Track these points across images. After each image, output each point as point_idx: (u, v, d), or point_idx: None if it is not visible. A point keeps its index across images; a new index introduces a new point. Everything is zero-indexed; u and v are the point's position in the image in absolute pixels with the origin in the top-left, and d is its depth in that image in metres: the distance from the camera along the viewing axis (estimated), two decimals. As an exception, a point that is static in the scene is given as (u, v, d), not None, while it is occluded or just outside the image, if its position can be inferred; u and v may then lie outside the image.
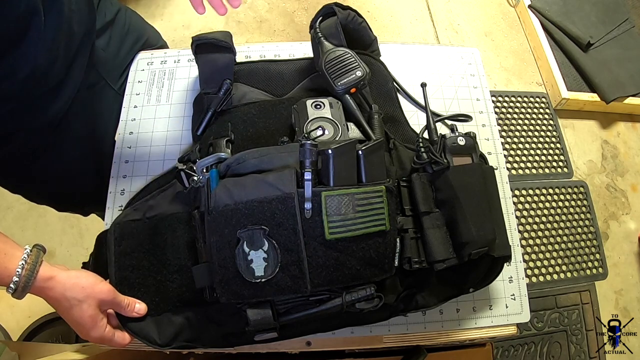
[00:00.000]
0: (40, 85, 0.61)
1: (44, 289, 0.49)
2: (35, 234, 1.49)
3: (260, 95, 0.70)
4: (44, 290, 0.49)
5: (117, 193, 0.67)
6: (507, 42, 1.90)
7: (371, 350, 0.66)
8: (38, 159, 0.69)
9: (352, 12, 0.69)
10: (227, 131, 0.64)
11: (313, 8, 1.88)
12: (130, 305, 0.55)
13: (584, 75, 1.73)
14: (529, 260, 1.48)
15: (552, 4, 1.87)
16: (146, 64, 0.78)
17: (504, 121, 1.68)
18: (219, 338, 0.57)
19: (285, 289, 0.49)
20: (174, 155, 0.69)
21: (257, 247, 0.48)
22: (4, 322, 1.05)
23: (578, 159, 1.69)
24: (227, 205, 0.49)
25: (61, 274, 0.50)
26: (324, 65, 0.64)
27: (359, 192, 0.49)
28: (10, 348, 0.83)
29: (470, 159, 0.58)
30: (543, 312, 1.43)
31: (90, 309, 0.51)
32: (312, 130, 0.58)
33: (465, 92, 0.76)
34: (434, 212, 0.56)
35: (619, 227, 1.61)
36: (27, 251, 0.49)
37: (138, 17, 0.85)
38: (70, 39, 0.63)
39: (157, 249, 0.59)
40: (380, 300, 0.52)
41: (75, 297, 0.50)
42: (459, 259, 0.55)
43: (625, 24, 1.86)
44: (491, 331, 0.64)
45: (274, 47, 0.79)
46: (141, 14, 0.86)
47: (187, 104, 0.73)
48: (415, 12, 1.94)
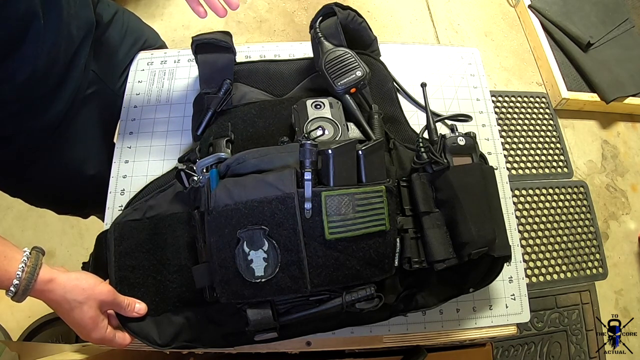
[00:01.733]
0: (39, 88, 0.61)
1: (44, 291, 0.48)
2: (35, 234, 1.49)
3: (260, 95, 0.70)
4: (44, 293, 0.49)
5: (117, 193, 0.67)
6: (507, 42, 1.90)
7: (371, 350, 0.66)
8: (37, 162, 0.69)
9: (352, 12, 0.69)
10: (227, 131, 0.64)
11: (313, 8, 1.88)
12: (130, 306, 0.55)
13: (584, 75, 1.72)
14: (529, 260, 1.48)
15: (552, 4, 1.87)
16: (146, 64, 0.78)
17: (504, 121, 1.68)
18: (219, 338, 0.57)
19: (285, 289, 0.49)
20: (174, 155, 0.69)
21: (257, 247, 0.48)
22: (4, 322, 1.05)
23: (578, 159, 1.69)
24: (227, 205, 0.49)
25: (61, 276, 0.50)
26: (324, 65, 0.64)
27: (359, 192, 0.49)
28: (10, 348, 0.83)
29: (470, 159, 0.58)
30: (543, 312, 1.43)
31: (91, 311, 0.51)
32: (312, 130, 0.58)
33: (465, 92, 0.76)
34: (434, 212, 0.56)
35: (619, 227, 1.61)
36: (27, 254, 0.48)
37: (136, 19, 0.85)
38: (69, 42, 0.63)
39: (157, 249, 0.59)
40: (380, 300, 0.52)
41: (76, 299, 0.50)
42: (459, 259, 0.55)
43: (625, 24, 1.86)
44: (491, 331, 0.64)
45: (274, 47, 0.79)
46: (141, 14, 0.86)
47: (187, 104, 0.73)
48: (415, 12, 1.94)
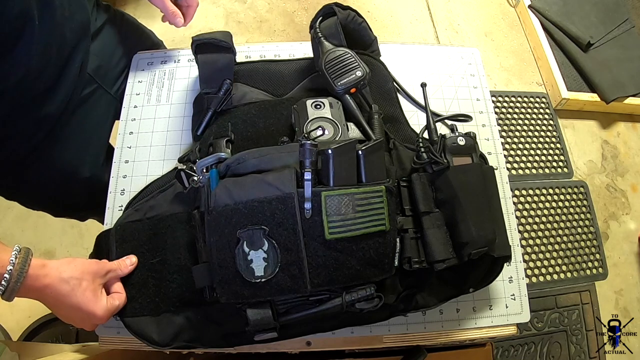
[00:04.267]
0: (32, 90, 0.61)
1: (39, 277, 0.48)
2: (35, 234, 1.49)
3: (260, 95, 0.70)
4: (39, 279, 0.48)
5: (117, 193, 0.67)
6: (507, 42, 1.90)
7: (371, 350, 0.66)
8: (31, 164, 0.69)
9: (352, 12, 0.69)
10: (227, 131, 0.64)
11: (313, 8, 1.88)
12: (122, 265, 0.57)
13: (584, 75, 1.72)
14: (529, 260, 1.48)
15: (552, 4, 1.87)
16: (146, 64, 0.78)
17: (504, 121, 1.68)
18: (219, 338, 0.57)
19: (285, 289, 0.49)
20: (174, 155, 0.69)
21: (257, 247, 0.48)
22: (4, 322, 1.05)
23: (578, 159, 1.69)
24: (227, 205, 0.49)
25: (52, 261, 0.50)
26: (324, 65, 0.64)
27: (358, 192, 0.49)
28: (10, 348, 0.83)
29: (470, 159, 0.58)
30: (543, 312, 1.43)
31: (90, 285, 0.51)
32: (312, 130, 0.58)
33: (465, 92, 0.76)
34: (434, 212, 0.56)
35: (619, 227, 1.61)
36: (17, 247, 0.48)
37: (133, 21, 0.85)
38: (63, 44, 0.63)
39: (157, 249, 0.59)
40: (380, 300, 0.52)
41: (73, 275, 0.50)
42: (459, 259, 0.55)
43: (625, 24, 1.86)
44: (491, 331, 0.64)
45: (274, 47, 0.79)
46: (141, 15, 0.87)
47: (187, 104, 0.73)
48: (415, 12, 1.94)
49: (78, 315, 0.52)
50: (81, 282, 0.51)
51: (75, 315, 0.52)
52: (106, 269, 0.55)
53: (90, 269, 0.52)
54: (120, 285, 0.57)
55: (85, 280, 0.51)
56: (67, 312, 0.52)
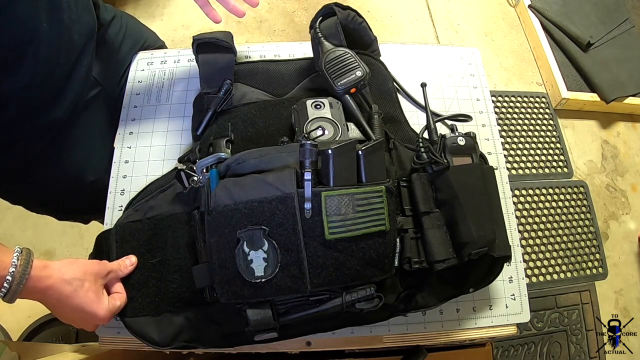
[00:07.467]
0: (39, 94, 0.60)
1: (41, 278, 0.48)
2: (35, 234, 1.49)
3: (261, 95, 0.70)
4: (41, 280, 0.48)
5: (117, 193, 0.67)
6: (507, 42, 1.90)
7: (371, 350, 0.66)
8: (37, 169, 0.69)
9: (352, 12, 0.69)
10: (227, 131, 0.64)
11: (313, 8, 1.88)
12: (122, 265, 0.56)
13: (584, 75, 1.72)
14: (529, 260, 1.48)
15: (552, 4, 1.87)
16: (146, 64, 0.78)
17: (504, 121, 1.68)
18: (219, 338, 0.57)
19: (285, 289, 0.49)
20: (174, 155, 0.69)
21: (257, 247, 0.48)
22: (4, 322, 1.05)
23: (578, 159, 1.69)
24: (227, 205, 0.49)
25: (54, 262, 0.50)
26: (324, 65, 0.64)
27: (358, 192, 0.49)
28: (10, 348, 0.83)
29: (470, 159, 0.58)
30: (543, 312, 1.43)
31: (92, 285, 0.52)
32: (312, 130, 0.58)
33: (465, 92, 0.76)
34: (434, 212, 0.56)
35: (619, 227, 1.61)
36: (18, 248, 0.48)
37: (135, 22, 0.84)
38: (71, 47, 0.63)
39: (157, 249, 0.59)
40: (380, 300, 0.52)
41: (75, 276, 0.50)
42: (459, 259, 0.55)
43: (625, 24, 1.86)
44: (491, 331, 0.64)
45: (274, 47, 0.79)
46: (141, 15, 0.87)
47: (187, 104, 0.73)
48: (415, 12, 1.94)
49: (80, 316, 0.52)
50: (83, 283, 0.51)
51: (77, 316, 0.52)
52: (107, 269, 0.55)
53: (92, 269, 0.52)
54: (120, 285, 0.57)
55: (87, 281, 0.51)
56: (69, 313, 0.52)
